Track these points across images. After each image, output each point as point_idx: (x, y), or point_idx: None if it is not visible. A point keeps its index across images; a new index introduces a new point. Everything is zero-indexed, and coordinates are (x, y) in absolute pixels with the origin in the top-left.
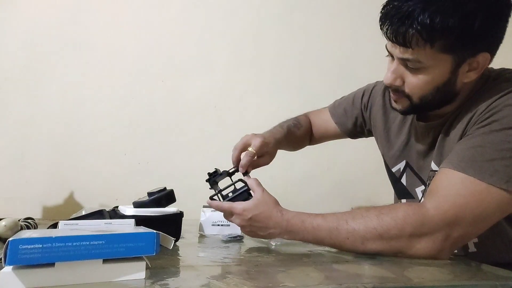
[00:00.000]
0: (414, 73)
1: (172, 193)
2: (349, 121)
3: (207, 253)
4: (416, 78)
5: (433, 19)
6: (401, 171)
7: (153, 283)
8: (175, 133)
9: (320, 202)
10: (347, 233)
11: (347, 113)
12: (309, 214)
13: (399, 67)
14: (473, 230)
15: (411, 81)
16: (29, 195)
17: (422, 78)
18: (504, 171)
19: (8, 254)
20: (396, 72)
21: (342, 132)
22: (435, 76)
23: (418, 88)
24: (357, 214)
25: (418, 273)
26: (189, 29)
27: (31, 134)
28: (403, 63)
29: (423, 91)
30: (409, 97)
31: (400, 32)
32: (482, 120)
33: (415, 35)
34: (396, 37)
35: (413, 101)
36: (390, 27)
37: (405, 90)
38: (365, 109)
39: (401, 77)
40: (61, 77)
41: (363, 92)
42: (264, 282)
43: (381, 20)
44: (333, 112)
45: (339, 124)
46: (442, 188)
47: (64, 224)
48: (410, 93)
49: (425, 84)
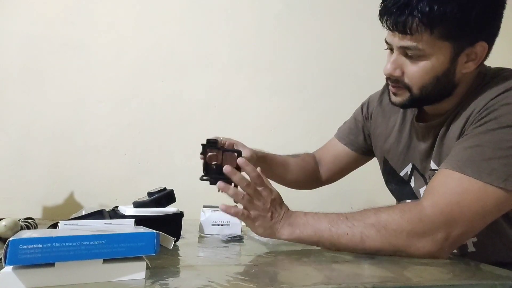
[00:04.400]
0: (413, 62)
1: (172, 193)
2: (358, 137)
3: (207, 253)
4: (416, 67)
5: (432, 6)
6: (409, 174)
7: (153, 283)
8: (175, 133)
9: (320, 202)
10: (347, 227)
11: (352, 130)
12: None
13: (399, 57)
14: (471, 228)
15: (411, 70)
16: (29, 195)
17: (422, 67)
18: (501, 169)
19: (8, 254)
20: (396, 63)
21: (353, 151)
22: (434, 64)
23: (418, 77)
24: (356, 213)
25: (418, 272)
26: (189, 29)
27: (31, 134)
28: (402, 52)
29: (423, 80)
30: (409, 88)
31: (400, 20)
32: (479, 119)
33: (414, 21)
34: (396, 25)
35: (413, 92)
36: (389, 16)
37: (405, 81)
38: (367, 120)
39: (400, 67)
40: (61, 77)
41: (361, 107)
42: (264, 282)
43: (381, 12)
44: (339, 136)
45: (349, 144)
46: (438, 187)
47: (64, 224)
48: (410, 83)
49: (425, 73)
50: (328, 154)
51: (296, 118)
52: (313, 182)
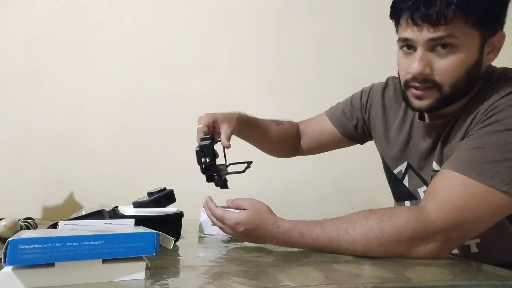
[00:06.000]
0: (443, 56)
1: (172, 193)
2: (350, 123)
3: (207, 253)
4: (447, 61)
5: None
6: (403, 172)
7: (153, 283)
8: (175, 133)
9: (320, 202)
10: (348, 244)
11: (346, 114)
12: (307, 223)
13: (426, 53)
14: (472, 231)
15: (442, 65)
16: (29, 195)
17: (453, 60)
18: (505, 173)
19: (8, 254)
20: (424, 60)
21: (341, 134)
22: (465, 56)
23: (451, 72)
24: (357, 223)
25: (419, 273)
26: (189, 29)
27: (31, 134)
28: (430, 47)
29: (455, 75)
30: (440, 87)
31: (431, 11)
32: (484, 120)
33: (450, 9)
34: (427, 17)
35: (444, 90)
36: (415, 10)
37: (435, 79)
38: (364, 110)
39: (429, 65)
40: (61, 77)
41: (361, 93)
42: (264, 282)
43: (398, 9)
44: (330, 115)
45: (339, 127)
46: (442, 190)
47: (64, 224)
48: (441, 80)
49: (457, 67)
50: (314, 128)
51: (296, 118)
52: (291, 152)
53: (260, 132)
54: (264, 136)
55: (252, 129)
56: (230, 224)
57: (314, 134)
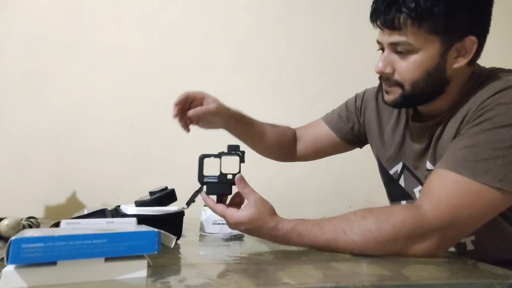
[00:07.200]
0: (404, 57)
1: (173, 192)
2: (347, 126)
3: (208, 251)
4: (406, 62)
5: (418, 1)
6: (399, 173)
7: (154, 281)
8: (176, 133)
9: (319, 200)
10: (346, 244)
11: (342, 117)
12: (306, 224)
13: (389, 54)
14: (467, 228)
15: (401, 66)
16: (31, 194)
17: (412, 62)
18: (497, 170)
19: (11, 253)
20: (386, 60)
21: (339, 137)
22: (424, 58)
23: (409, 72)
24: (355, 223)
25: (416, 271)
26: (190, 31)
27: (34, 134)
28: (393, 49)
29: (414, 75)
30: (401, 85)
31: (388, 17)
32: (474, 119)
33: (402, 16)
34: (385, 22)
35: (405, 89)
36: (379, 15)
37: (396, 77)
38: (359, 113)
39: (391, 65)
40: (63, 78)
41: (355, 98)
42: (263, 280)
43: (372, 13)
44: (327, 120)
45: (336, 130)
46: (437, 189)
47: (66, 223)
48: (401, 79)
49: (415, 68)
50: (311, 133)
51: (296, 119)
52: (286, 155)
53: (255, 131)
54: (259, 136)
55: (247, 126)
56: (231, 223)
57: (310, 138)
